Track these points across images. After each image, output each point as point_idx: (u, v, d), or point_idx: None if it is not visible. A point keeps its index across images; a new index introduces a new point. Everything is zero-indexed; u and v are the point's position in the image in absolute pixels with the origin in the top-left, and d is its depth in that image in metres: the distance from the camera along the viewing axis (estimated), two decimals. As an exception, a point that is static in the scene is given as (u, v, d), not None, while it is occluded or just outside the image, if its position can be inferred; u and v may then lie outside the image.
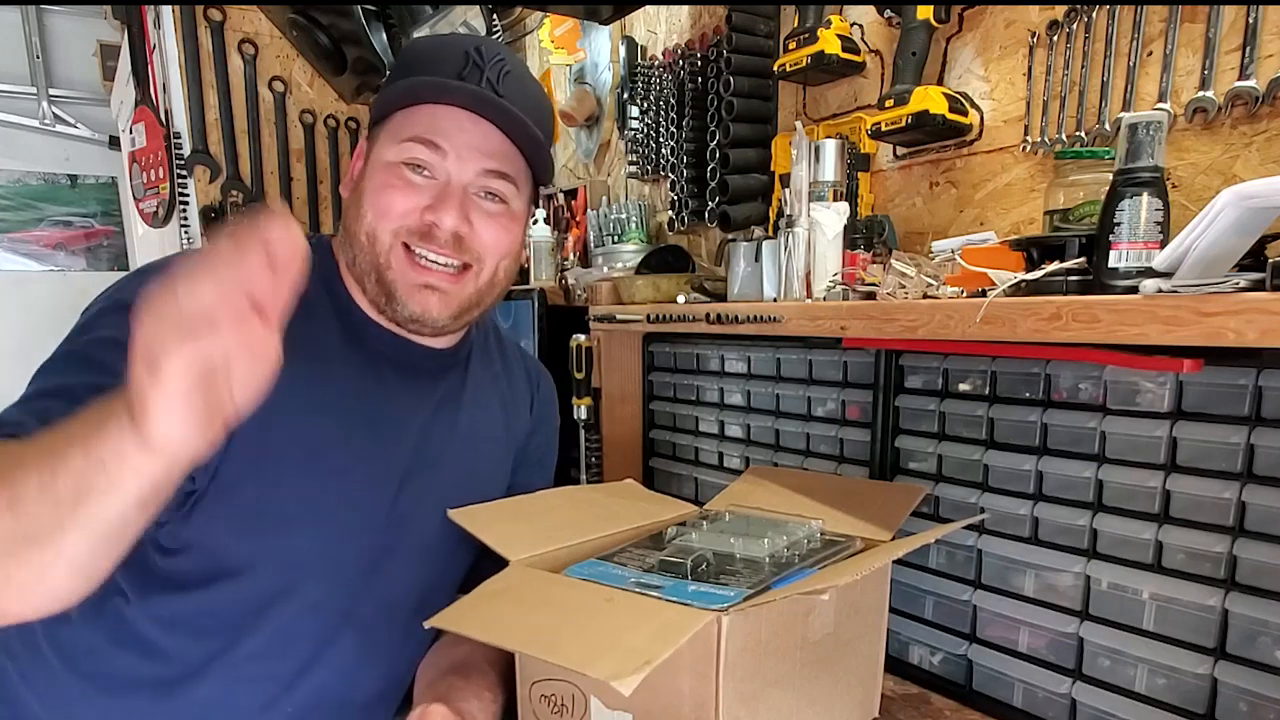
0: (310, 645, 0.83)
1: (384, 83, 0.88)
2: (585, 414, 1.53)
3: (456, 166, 0.81)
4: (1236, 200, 0.62)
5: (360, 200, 0.83)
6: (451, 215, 0.80)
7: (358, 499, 0.83)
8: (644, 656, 0.56)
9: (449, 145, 0.81)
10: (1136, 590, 0.83)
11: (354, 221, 0.83)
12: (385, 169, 0.82)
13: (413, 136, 0.80)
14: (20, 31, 3.13)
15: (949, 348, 0.99)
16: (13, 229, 3.23)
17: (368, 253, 0.82)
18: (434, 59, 0.82)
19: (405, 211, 0.81)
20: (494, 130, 0.83)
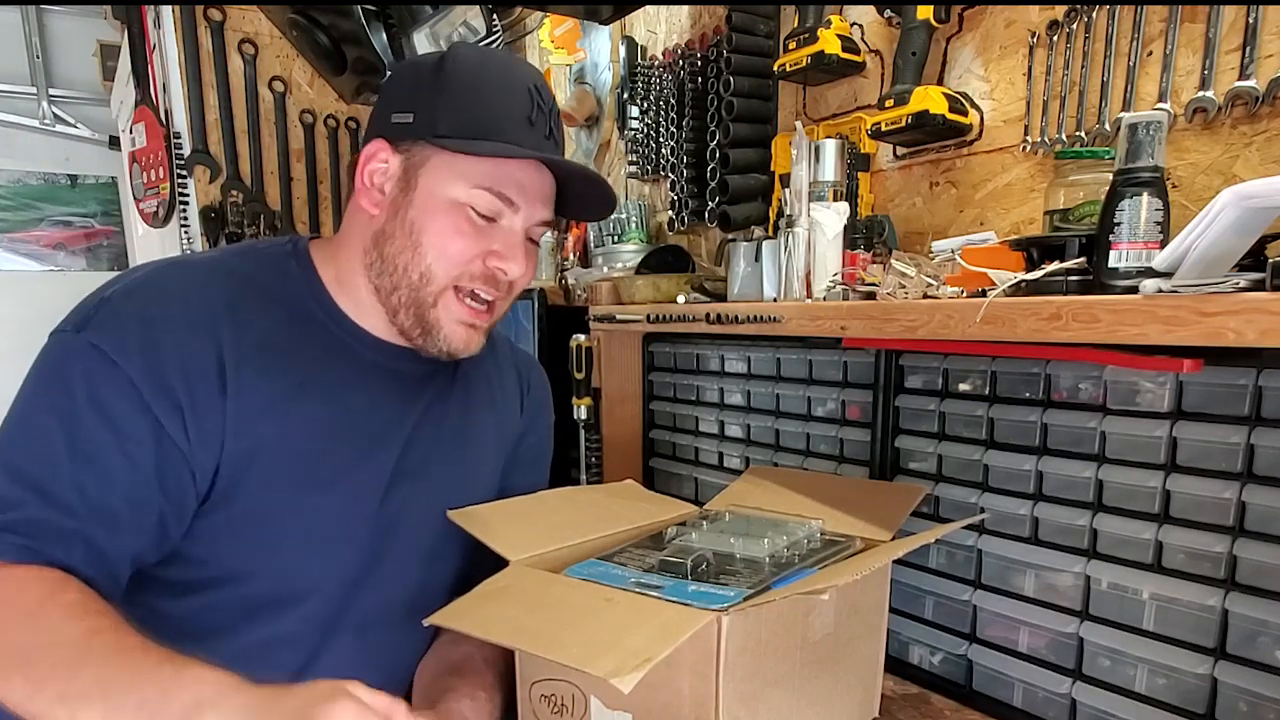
0: (305, 651, 0.82)
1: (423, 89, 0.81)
2: (585, 414, 1.53)
3: (525, 219, 0.83)
4: (1236, 200, 0.62)
5: (417, 236, 0.80)
6: (519, 265, 0.83)
7: (348, 506, 0.83)
8: (644, 655, 0.57)
9: (523, 200, 0.82)
10: (1136, 590, 0.83)
11: (404, 255, 0.81)
12: (451, 209, 0.80)
13: (488, 186, 0.80)
14: (20, 31, 3.13)
15: (949, 348, 0.99)
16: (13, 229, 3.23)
17: (415, 289, 0.81)
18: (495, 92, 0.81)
19: (470, 258, 0.81)
20: (551, 179, 0.86)
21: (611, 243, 1.89)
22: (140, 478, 0.71)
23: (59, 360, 0.73)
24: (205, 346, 0.75)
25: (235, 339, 0.76)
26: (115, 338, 0.72)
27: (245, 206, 2.33)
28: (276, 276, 0.84)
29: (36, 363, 0.74)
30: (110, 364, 0.71)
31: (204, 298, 0.77)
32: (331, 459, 0.82)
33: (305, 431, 0.80)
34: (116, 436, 0.70)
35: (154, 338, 0.73)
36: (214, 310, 0.77)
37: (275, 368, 0.79)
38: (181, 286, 0.78)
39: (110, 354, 0.71)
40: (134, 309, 0.74)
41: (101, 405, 0.70)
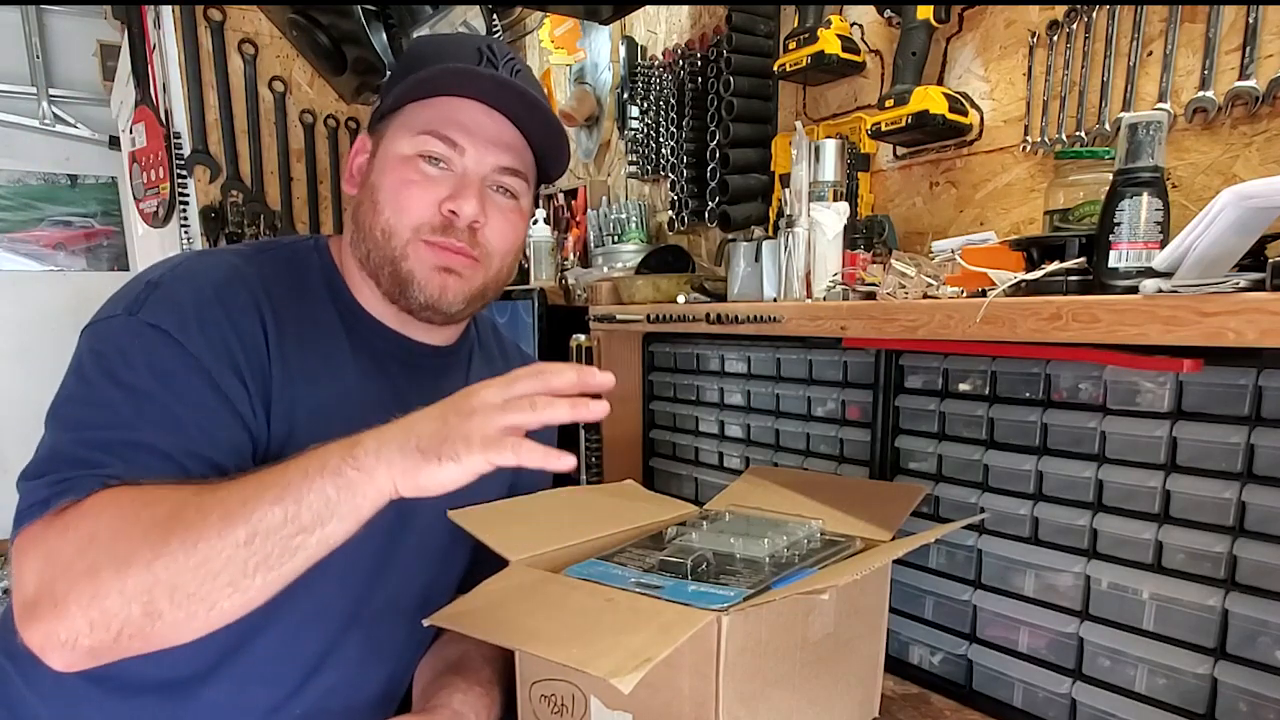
0: (317, 647, 0.83)
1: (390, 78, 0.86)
2: (585, 414, 1.52)
3: (474, 160, 0.82)
4: (1236, 200, 0.62)
5: (375, 195, 0.82)
6: (471, 204, 0.80)
7: None
8: (643, 655, 0.57)
9: (467, 140, 0.81)
10: (1136, 590, 0.83)
11: (368, 216, 0.82)
12: (400, 163, 0.81)
13: (429, 130, 0.80)
14: (20, 31, 3.13)
15: (949, 348, 0.99)
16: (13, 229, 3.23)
17: (383, 248, 0.82)
18: (445, 55, 0.82)
19: (424, 206, 0.81)
20: (508, 126, 0.84)
21: (611, 243, 1.89)
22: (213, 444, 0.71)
23: (116, 340, 0.72)
24: (255, 328, 0.76)
25: (276, 325, 0.78)
26: (174, 316, 0.72)
27: (245, 206, 2.34)
28: (301, 270, 0.86)
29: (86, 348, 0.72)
30: (173, 342, 0.71)
31: (246, 283, 0.78)
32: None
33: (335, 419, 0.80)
34: (189, 408, 0.70)
35: (212, 315, 0.73)
36: (256, 295, 0.78)
37: (307, 357, 0.80)
38: (224, 270, 0.79)
39: (172, 332, 0.71)
40: (186, 290, 0.75)
41: (168, 377, 0.70)
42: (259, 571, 0.61)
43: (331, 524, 0.62)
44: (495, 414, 0.61)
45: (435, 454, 0.61)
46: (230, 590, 0.61)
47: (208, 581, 0.60)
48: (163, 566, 0.60)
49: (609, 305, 1.48)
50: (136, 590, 0.59)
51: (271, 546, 0.61)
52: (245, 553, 0.60)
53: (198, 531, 0.60)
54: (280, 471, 0.63)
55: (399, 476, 0.61)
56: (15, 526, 0.65)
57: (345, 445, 0.63)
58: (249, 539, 0.60)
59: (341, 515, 0.62)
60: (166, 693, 0.77)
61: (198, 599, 0.60)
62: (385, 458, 0.62)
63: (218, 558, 0.60)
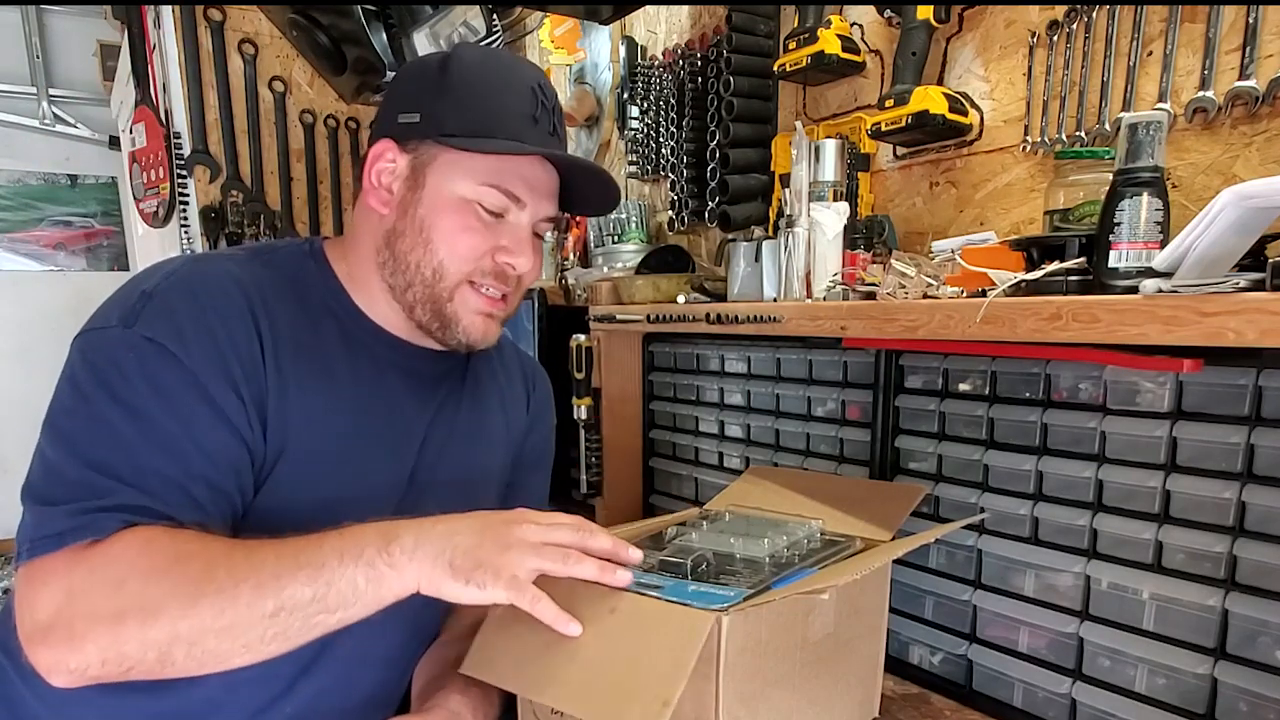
0: (310, 647, 0.82)
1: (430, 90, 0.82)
2: (585, 414, 1.53)
3: (530, 216, 0.85)
4: (1236, 200, 0.62)
5: (428, 234, 0.81)
6: (527, 259, 0.85)
7: (366, 506, 0.83)
8: (661, 697, 0.59)
9: (529, 196, 0.83)
10: (1136, 590, 0.83)
11: (415, 252, 0.82)
12: (459, 206, 0.81)
13: (496, 183, 0.81)
14: (20, 31, 3.13)
15: (949, 348, 0.99)
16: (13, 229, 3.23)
17: (430, 286, 0.82)
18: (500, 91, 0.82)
19: (481, 254, 0.82)
20: (555, 176, 0.87)
21: (611, 243, 1.89)
22: (214, 465, 0.72)
23: (111, 353, 0.71)
24: (250, 338, 0.76)
25: (271, 333, 0.77)
26: (169, 329, 0.72)
27: (245, 206, 2.33)
28: (297, 275, 0.85)
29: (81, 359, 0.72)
30: (168, 355, 0.71)
31: (241, 289, 0.78)
32: (353, 456, 0.82)
33: (329, 429, 0.80)
34: (182, 425, 0.71)
35: (207, 326, 0.73)
36: (252, 303, 0.77)
37: (302, 363, 0.79)
38: (219, 278, 0.78)
39: (167, 345, 0.71)
40: (181, 300, 0.74)
41: (165, 394, 0.70)
42: (275, 641, 0.65)
43: (354, 609, 0.66)
44: (529, 556, 0.66)
45: (464, 575, 0.65)
46: (244, 652, 0.64)
47: (226, 643, 0.63)
48: (188, 626, 0.62)
49: (609, 305, 1.48)
50: (157, 642, 0.62)
51: (294, 622, 0.64)
52: (269, 624, 0.63)
53: (229, 597, 0.63)
54: (315, 548, 0.66)
55: (424, 580, 0.66)
56: (29, 553, 0.65)
57: (383, 535, 0.67)
58: (275, 612, 0.63)
59: (365, 603, 0.66)
60: (158, 691, 0.77)
61: (212, 655, 0.64)
62: (419, 560, 0.66)
63: (241, 624, 0.63)
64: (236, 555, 0.65)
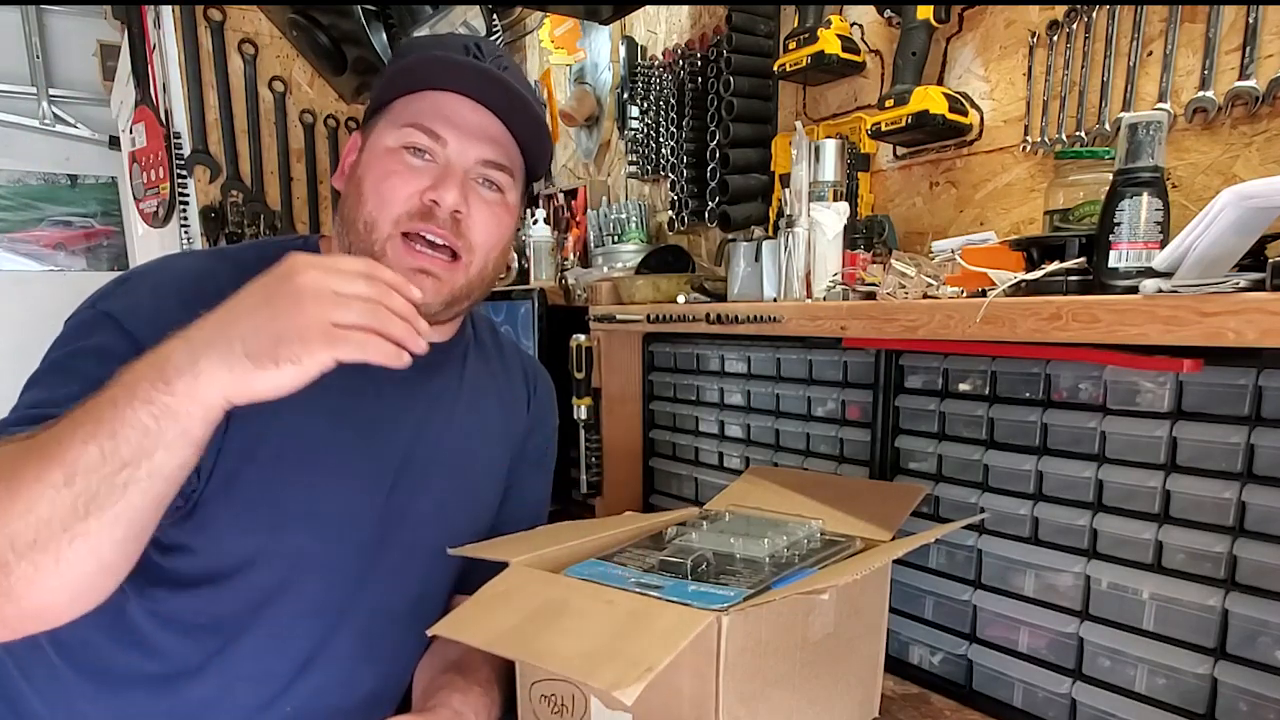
0: (308, 645, 0.83)
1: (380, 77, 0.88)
2: (585, 414, 1.53)
3: (457, 152, 0.82)
4: (1236, 200, 0.62)
5: (359, 188, 0.82)
6: (452, 193, 0.80)
7: (353, 496, 0.83)
8: (645, 664, 0.57)
9: (450, 131, 0.81)
10: (1136, 590, 0.83)
11: (352, 209, 0.82)
12: (385, 155, 0.81)
13: (413, 122, 0.80)
14: (20, 31, 3.13)
15: (949, 348, 0.99)
16: (13, 229, 3.23)
17: (364, 240, 0.81)
18: (430, 51, 0.83)
19: (406, 197, 0.80)
20: (494, 120, 0.84)
21: (611, 243, 1.89)
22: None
23: (73, 330, 0.76)
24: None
25: None
26: (126, 307, 0.75)
27: (245, 206, 2.34)
28: None
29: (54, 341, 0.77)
30: (120, 329, 0.73)
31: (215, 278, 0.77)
32: (336, 445, 0.82)
33: (310, 416, 0.80)
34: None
35: (166, 307, 0.73)
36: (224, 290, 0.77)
37: None
38: (194, 268, 0.81)
39: (121, 321, 0.73)
40: (147, 284, 0.78)
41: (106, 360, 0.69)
42: (91, 514, 0.58)
43: (159, 454, 0.59)
44: (330, 307, 0.58)
45: (270, 358, 0.57)
46: (68, 536, 0.58)
47: (41, 529, 0.57)
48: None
49: (609, 305, 1.48)
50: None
51: (95, 485, 0.58)
52: (69, 494, 0.57)
53: (18, 478, 0.58)
54: (91, 405, 0.59)
55: (229, 389, 0.58)
56: None
57: (153, 364, 0.59)
58: (68, 480, 0.57)
59: (168, 444, 0.59)
60: (155, 688, 0.77)
61: (38, 548, 0.58)
62: (206, 372, 0.58)
63: (41, 501, 0.57)
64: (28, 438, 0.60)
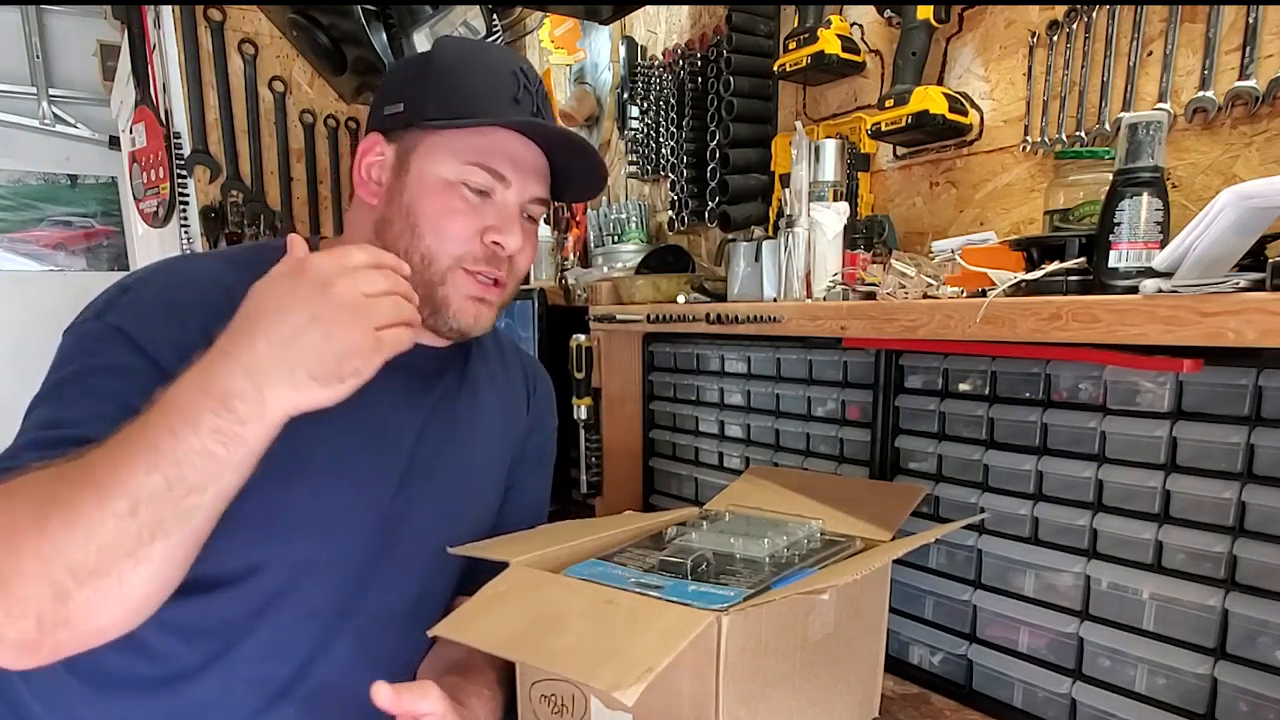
0: (308, 648, 0.83)
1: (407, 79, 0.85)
2: (585, 414, 1.53)
3: (516, 194, 0.84)
4: (1236, 200, 0.62)
5: (414, 220, 0.81)
6: (516, 238, 0.84)
7: (357, 501, 0.83)
8: (645, 664, 0.57)
9: (513, 174, 0.83)
10: (1136, 590, 0.83)
11: (404, 239, 0.82)
12: (444, 189, 0.81)
13: (478, 161, 0.81)
14: (20, 31, 3.13)
15: (949, 348, 0.99)
16: (13, 229, 3.23)
17: (420, 273, 0.81)
18: (481, 75, 0.83)
19: (469, 236, 0.82)
20: (541, 155, 0.87)
21: (611, 243, 1.89)
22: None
23: (82, 343, 0.74)
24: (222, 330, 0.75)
25: None
26: (138, 322, 0.73)
27: (245, 206, 2.33)
28: None
29: (58, 350, 0.74)
30: (133, 345, 0.72)
31: (220, 285, 0.78)
32: (342, 451, 0.82)
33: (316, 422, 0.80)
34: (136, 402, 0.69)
35: (176, 320, 0.74)
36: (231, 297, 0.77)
37: None
38: (198, 274, 0.79)
39: (134, 337, 0.72)
40: (155, 295, 0.76)
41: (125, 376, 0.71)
42: (158, 538, 0.59)
43: (227, 476, 0.61)
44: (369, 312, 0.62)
45: (336, 377, 0.61)
46: (132, 561, 0.59)
47: (104, 556, 0.58)
48: (50, 546, 0.58)
49: (609, 305, 1.48)
50: (35, 572, 0.58)
51: (162, 512, 0.59)
52: (133, 523, 0.58)
53: (75, 507, 0.58)
54: (142, 432, 0.60)
55: (293, 407, 0.62)
56: None
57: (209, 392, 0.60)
58: (132, 509, 0.58)
59: (235, 466, 0.61)
60: (155, 691, 0.77)
61: (100, 574, 0.58)
62: (272, 398, 0.60)
63: (103, 530, 0.58)
64: (73, 465, 0.61)
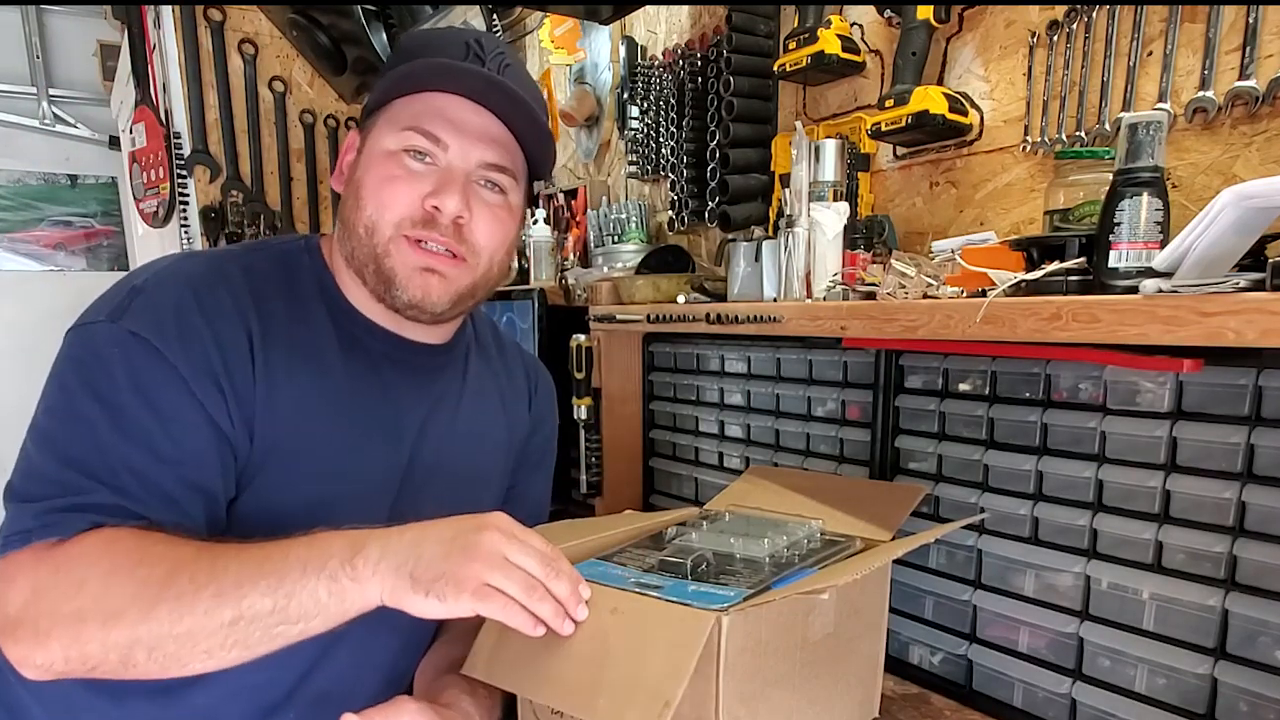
0: (311, 651, 0.82)
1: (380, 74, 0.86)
2: (585, 414, 1.53)
3: (459, 156, 0.81)
4: (1236, 200, 0.62)
5: (359, 192, 0.81)
6: (454, 200, 0.79)
7: (361, 502, 0.83)
8: (663, 698, 0.59)
9: (451, 135, 0.80)
10: (1136, 590, 0.83)
11: (352, 213, 0.81)
12: (384, 158, 0.80)
13: (413, 125, 0.79)
14: (20, 31, 3.12)
15: (949, 348, 0.99)
16: (13, 229, 3.23)
17: (366, 244, 0.80)
18: (433, 49, 0.81)
19: (408, 202, 0.79)
20: (495, 122, 0.82)
21: (611, 243, 1.89)
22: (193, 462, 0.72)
23: (97, 349, 0.72)
24: (238, 333, 0.75)
25: (261, 327, 0.77)
26: (154, 325, 0.72)
27: (245, 206, 2.34)
28: (291, 270, 0.85)
29: (68, 354, 0.73)
30: (152, 350, 0.71)
31: (231, 286, 0.78)
32: (348, 451, 0.82)
33: (323, 422, 0.80)
34: (161, 422, 0.70)
35: (192, 323, 0.73)
36: (241, 298, 0.77)
37: (295, 358, 0.79)
38: (210, 275, 0.78)
39: (152, 340, 0.71)
40: (169, 297, 0.74)
41: (146, 390, 0.70)
42: (236, 649, 0.64)
43: (315, 621, 0.65)
44: (494, 571, 0.64)
45: (424, 587, 0.63)
46: (205, 658, 0.64)
47: (186, 648, 0.63)
48: (147, 630, 0.62)
49: (609, 305, 1.48)
50: (118, 644, 0.62)
51: (254, 632, 0.63)
52: (228, 632, 0.63)
53: (188, 604, 0.62)
54: (281, 557, 0.65)
55: (386, 593, 0.64)
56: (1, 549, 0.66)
57: (350, 545, 0.65)
58: (234, 621, 0.63)
59: (326, 616, 0.65)
60: (156, 697, 0.77)
61: (172, 659, 0.63)
62: (382, 572, 0.64)
63: (201, 632, 0.63)
64: (201, 560, 0.65)
